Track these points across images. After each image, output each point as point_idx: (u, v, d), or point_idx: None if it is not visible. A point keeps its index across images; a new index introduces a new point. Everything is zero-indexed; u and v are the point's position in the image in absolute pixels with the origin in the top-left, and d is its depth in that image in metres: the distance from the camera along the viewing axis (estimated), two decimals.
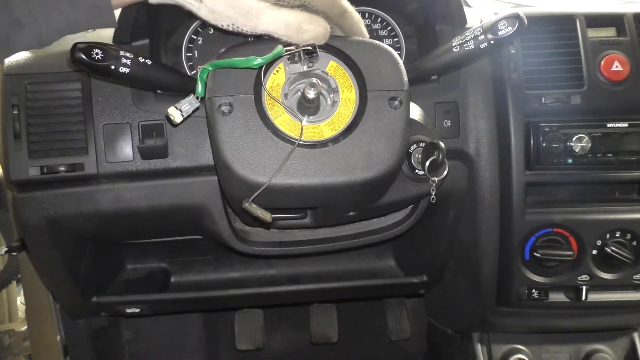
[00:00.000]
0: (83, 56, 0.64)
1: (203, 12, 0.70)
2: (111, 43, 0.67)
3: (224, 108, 0.69)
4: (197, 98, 0.71)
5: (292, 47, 0.71)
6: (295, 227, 0.90)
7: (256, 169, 0.68)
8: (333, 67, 0.73)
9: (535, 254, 0.96)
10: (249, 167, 0.68)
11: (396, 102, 0.71)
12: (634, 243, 0.96)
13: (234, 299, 1.10)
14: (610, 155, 0.93)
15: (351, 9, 0.76)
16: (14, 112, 0.81)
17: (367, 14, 0.99)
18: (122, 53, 0.66)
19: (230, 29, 0.70)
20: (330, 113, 0.71)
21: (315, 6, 0.73)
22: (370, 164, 0.69)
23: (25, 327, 1.48)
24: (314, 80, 0.68)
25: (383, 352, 1.58)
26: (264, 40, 0.72)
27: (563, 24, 0.95)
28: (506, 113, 0.93)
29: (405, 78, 0.73)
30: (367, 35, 0.77)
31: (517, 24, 0.70)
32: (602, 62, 0.93)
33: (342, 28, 0.76)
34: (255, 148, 0.68)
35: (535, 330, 1.15)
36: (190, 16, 0.71)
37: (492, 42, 0.72)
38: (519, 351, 1.16)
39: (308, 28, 0.70)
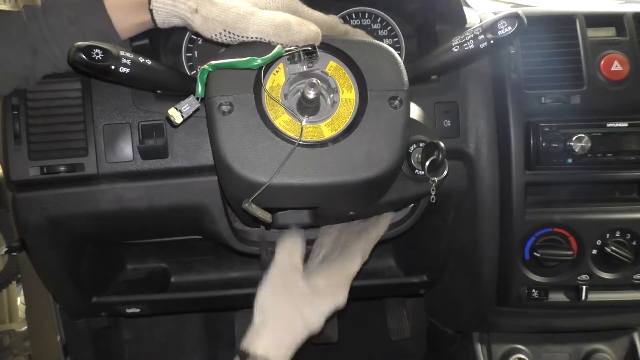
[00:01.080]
0: (83, 56, 0.64)
1: (197, 22, 0.71)
2: (111, 43, 0.67)
3: (224, 108, 0.69)
4: (197, 99, 0.71)
5: (292, 48, 0.71)
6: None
7: (256, 169, 0.68)
8: (333, 67, 0.73)
9: (535, 253, 0.96)
10: (249, 166, 0.68)
11: (396, 102, 0.71)
12: (634, 243, 0.96)
13: (234, 299, 1.10)
14: (610, 155, 0.93)
15: (351, 29, 0.79)
16: (14, 112, 0.81)
17: (367, 14, 1.00)
18: (122, 53, 0.66)
19: (222, 38, 0.72)
20: (330, 113, 0.71)
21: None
22: (371, 164, 0.69)
23: (25, 327, 1.48)
24: (314, 80, 0.68)
25: (383, 352, 1.58)
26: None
27: (563, 23, 0.95)
28: (506, 113, 0.93)
29: (406, 78, 0.73)
30: None
31: (516, 24, 0.70)
32: (602, 62, 0.93)
33: None
34: (256, 148, 0.68)
35: (535, 330, 1.15)
36: None
37: (491, 41, 0.72)
38: (519, 351, 1.16)
39: (298, 30, 0.70)
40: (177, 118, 0.71)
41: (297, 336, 0.78)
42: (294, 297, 0.78)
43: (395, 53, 0.74)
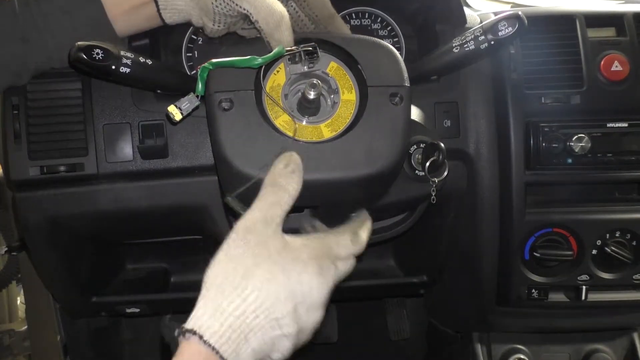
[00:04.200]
0: (83, 56, 0.64)
1: None
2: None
3: (224, 104, 0.69)
4: (197, 97, 0.71)
5: (293, 48, 0.71)
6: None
7: (256, 165, 0.68)
8: (334, 68, 0.73)
9: (535, 253, 0.96)
10: (249, 162, 0.68)
11: (397, 98, 0.71)
12: (634, 243, 0.96)
13: None
14: (610, 155, 0.93)
15: (337, 15, 0.79)
16: (14, 112, 0.81)
17: (367, 14, 1.00)
18: (122, 53, 0.66)
19: (218, 5, 0.70)
20: (331, 114, 0.71)
21: (309, 4, 0.76)
22: (371, 160, 0.69)
23: (25, 327, 1.48)
24: (315, 81, 0.68)
25: (383, 352, 1.58)
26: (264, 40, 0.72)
27: (563, 23, 0.95)
28: (506, 113, 0.93)
29: (406, 74, 0.72)
30: None
31: (517, 25, 0.70)
32: (602, 62, 0.93)
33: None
34: (255, 144, 0.68)
35: (535, 330, 1.15)
36: None
37: (492, 42, 0.72)
38: (519, 351, 1.16)
39: (283, 31, 0.70)
40: (177, 115, 0.70)
41: (253, 314, 0.56)
42: (265, 259, 0.57)
43: (395, 50, 0.74)
